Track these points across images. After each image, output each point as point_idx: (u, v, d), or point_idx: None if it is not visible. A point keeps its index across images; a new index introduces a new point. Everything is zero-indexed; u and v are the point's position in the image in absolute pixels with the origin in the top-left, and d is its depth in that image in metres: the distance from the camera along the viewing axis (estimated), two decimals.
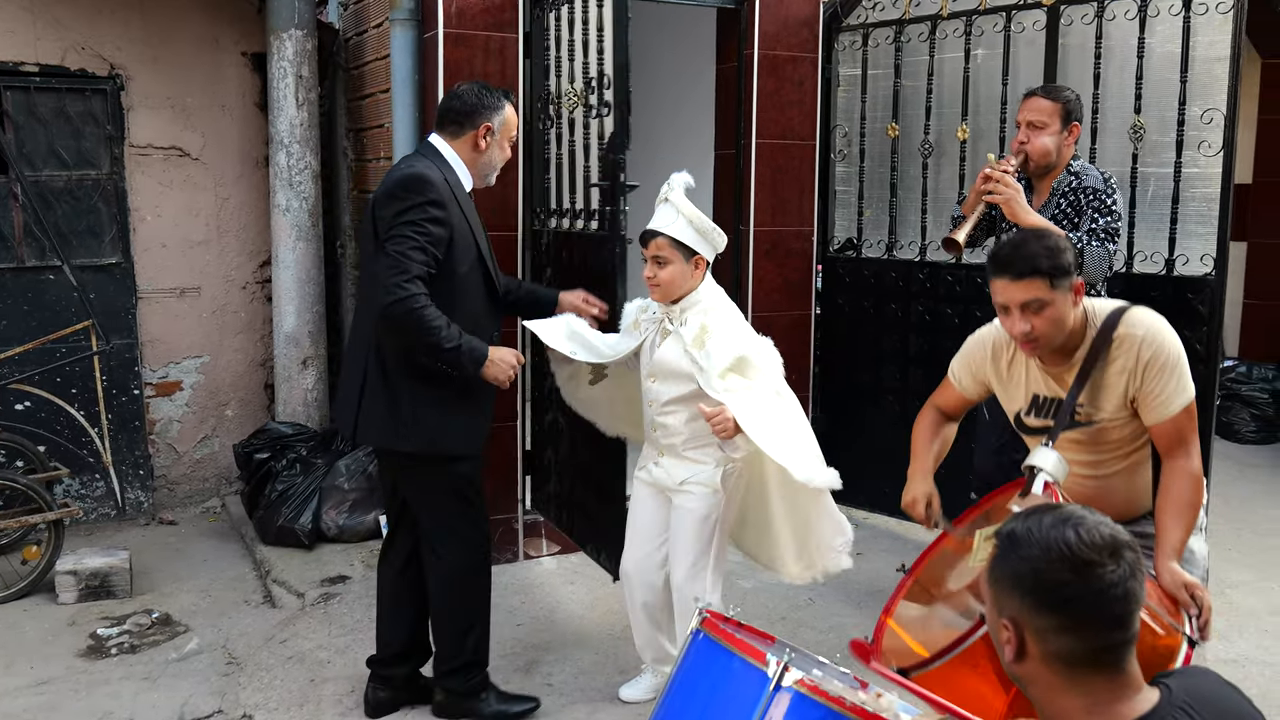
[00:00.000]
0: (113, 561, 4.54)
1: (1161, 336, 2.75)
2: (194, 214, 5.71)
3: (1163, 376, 2.73)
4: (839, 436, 5.58)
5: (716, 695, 1.90)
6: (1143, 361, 2.73)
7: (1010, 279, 2.74)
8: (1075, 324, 2.79)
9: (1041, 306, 2.72)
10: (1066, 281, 2.72)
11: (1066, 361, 2.84)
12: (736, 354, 3.23)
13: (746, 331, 3.34)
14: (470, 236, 3.34)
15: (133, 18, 5.44)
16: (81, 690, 3.74)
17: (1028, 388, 2.95)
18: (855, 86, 5.49)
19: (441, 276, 3.23)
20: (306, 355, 5.56)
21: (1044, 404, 2.92)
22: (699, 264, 3.31)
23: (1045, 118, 3.84)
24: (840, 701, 1.76)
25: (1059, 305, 2.72)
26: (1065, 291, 2.72)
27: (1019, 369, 2.96)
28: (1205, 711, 1.60)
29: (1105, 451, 2.87)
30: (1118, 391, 2.77)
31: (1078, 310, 2.78)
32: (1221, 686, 1.71)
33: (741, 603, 4.37)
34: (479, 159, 3.42)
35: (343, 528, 5.04)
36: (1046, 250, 2.72)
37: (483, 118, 3.38)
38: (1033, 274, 2.70)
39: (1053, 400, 2.90)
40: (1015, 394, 2.99)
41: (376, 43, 5.19)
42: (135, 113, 5.50)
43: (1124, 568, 1.59)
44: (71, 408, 4.98)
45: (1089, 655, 1.59)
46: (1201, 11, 4.23)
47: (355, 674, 3.83)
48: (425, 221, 3.17)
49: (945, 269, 5.12)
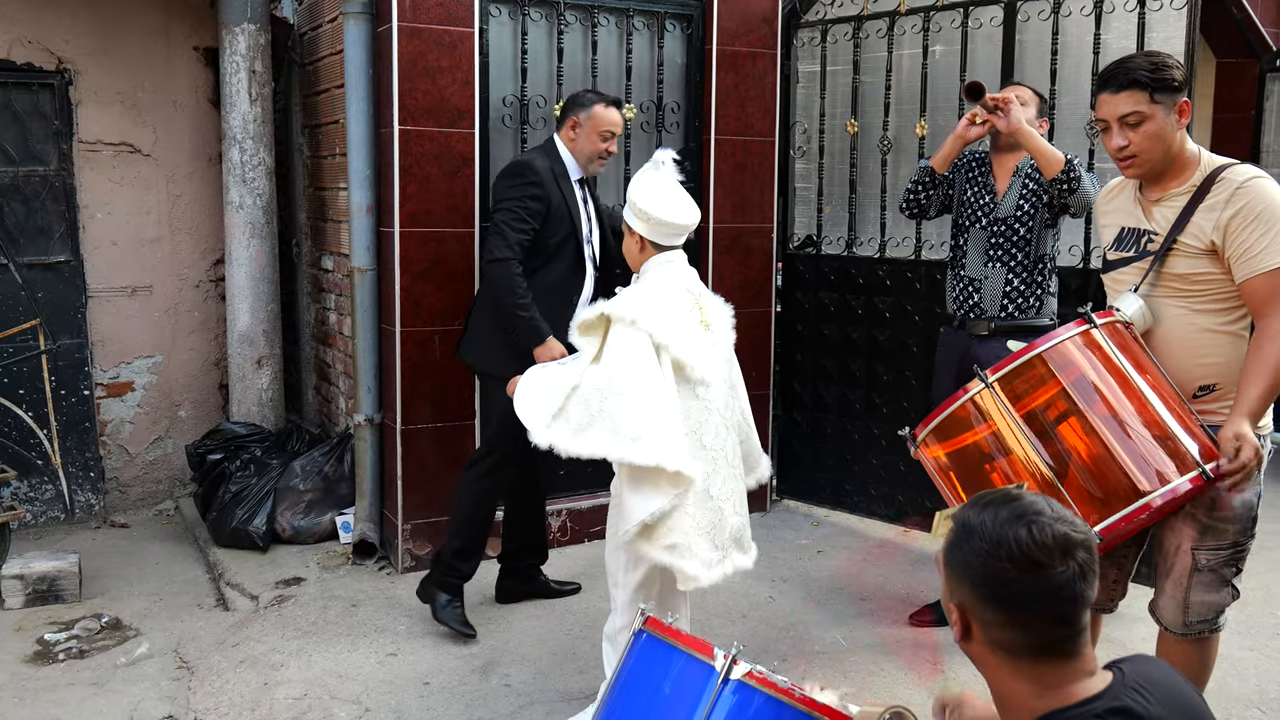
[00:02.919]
0: (61, 565, 4.45)
1: (1262, 190, 2.66)
2: (145, 211, 5.60)
3: (1255, 228, 2.64)
4: (799, 433, 5.58)
5: (662, 690, 1.87)
6: (1234, 206, 2.65)
7: (1111, 91, 2.72)
8: (1178, 151, 2.73)
9: (1140, 120, 2.69)
10: (1170, 99, 2.68)
11: (1163, 191, 2.78)
12: (599, 310, 3.20)
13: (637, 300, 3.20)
14: (567, 215, 4.01)
15: (81, 10, 5.33)
16: (26, 697, 3.65)
17: (1118, 220, 2.91)
18: (814, 83, 5.49)
19: (537, 242, 3.95)
20: (261, 354, 5.48)
21: (1127, 236, 2.87)
22: (638, 240, 3.32)
23: (1026, 98, 3.97)
24: (789, 693, 1.74)
25: (1158, 121, 2.68)
26: (1167, 109, 2.68)
27: (1118, 201, 2.94)
28: (1155, 693, 1.60)
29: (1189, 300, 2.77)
30: (1199, 225, 2.70)
31: (1181, 133, 2.72)
32: (1171, 674, 1.72)
33: (701, 601, 4.34)
34: (574, 148, 4.08)
35: (298, 529, 4.97)
36: (1150, 64, 2.70)
37: (570, 113, 4.08)
38: (1132, 85, 2.68)
39: (1135, 232, 2.84)
40: (1108, 229, 2.96)
41: (331, 37, 5.12)
42: (84, 108, 5.39)
43: (1073, 568, 1.58)
44: (19, 409, 4.88)
45: (1031, 647, 1.59)
46: (1156, 8, 4.25)
47: (309, 677, 3.77)
48: (524, 198, 3.92)
49: (905, 265, 5.12)
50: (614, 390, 3.09)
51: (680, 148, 5.24)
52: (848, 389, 5.38)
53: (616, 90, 5.05)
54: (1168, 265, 2.78)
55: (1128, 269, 2.87)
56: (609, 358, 3.15)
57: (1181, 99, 2.71)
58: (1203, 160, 2.77)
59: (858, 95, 5.30)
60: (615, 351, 3.14)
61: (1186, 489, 2.57)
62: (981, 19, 4.80)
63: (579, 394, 3.15)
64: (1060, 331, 2.72)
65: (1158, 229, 2.79)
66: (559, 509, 5.01)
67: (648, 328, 3.14)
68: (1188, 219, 2.72)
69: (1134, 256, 2.84)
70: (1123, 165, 2.80)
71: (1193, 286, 2.77)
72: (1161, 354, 2.78)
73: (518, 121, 4.85)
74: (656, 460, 3.02)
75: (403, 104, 4.50)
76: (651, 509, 3.10)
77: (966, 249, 4.05)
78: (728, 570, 3.28)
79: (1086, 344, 2.70)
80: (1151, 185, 2.83)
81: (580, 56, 4.98)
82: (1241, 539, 2.81)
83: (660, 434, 3.05)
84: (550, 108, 4.90)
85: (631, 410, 3.05)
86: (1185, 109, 2.72)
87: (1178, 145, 2.75)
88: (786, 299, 5.64)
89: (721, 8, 5.17)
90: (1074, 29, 4.53)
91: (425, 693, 3.68)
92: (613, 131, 4.09)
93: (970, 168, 4.12)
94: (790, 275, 5.63)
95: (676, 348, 3.18)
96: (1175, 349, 2.79)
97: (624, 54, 5.07)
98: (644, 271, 3.34)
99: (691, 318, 3.32)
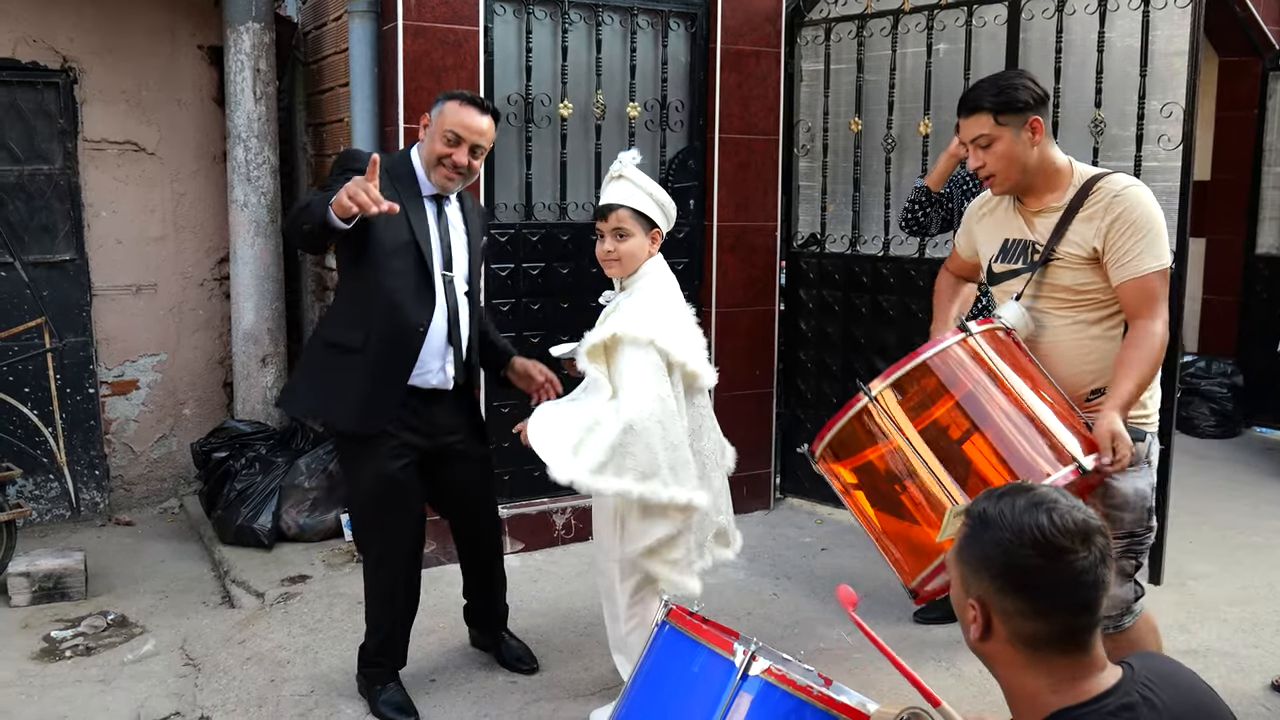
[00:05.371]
0: (67, 563, 4.45)
1: (1138, 198, 2.75)
2: (150, 210, 5.61)
3: (1131, 234, 2.73)
4: (802, 431, 5.58)
5: (683, 685, 1.88)
6: (1112, 214, 2.74)
7: (962, 116, 2.84)
8: (1040, 166, 2.82)
9: (990, 142, 2.78)
10: (1017, 119, 2.76)
11: (1040, 204, 2.86)
12: (611, 331, 3.12)
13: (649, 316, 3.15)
14: (405, 222, 3.29)
15: (85, 9, 5.34)
16: (34, 694, 3.66)
17: (999, 232, 2.98)
18: (818, 81, 5.49)
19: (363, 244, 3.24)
20: (266, 353, 5.48)
21: (1012, 247, 2.94)
22: (655, 238, 3.28)
23: None
24: (808, 690, 1.75)
25: (1007, 141, 2.77)
26: (1015, 129, 2.76)
27: (996, 214, 3.00)
28: (1165, 689, 1.61)
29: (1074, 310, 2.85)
30: (1081, 235, 2.79)
31: (1040, 149, 2.80)
32: (1180, 669, 1.72)
33: (705, 599, 4.33)
34: (421, 153, 3.41)
35: (303, 527, 4.98)
36: (996, 87, 2.80)
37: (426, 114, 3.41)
38: (976, 110, 2.78)
39: (1020, 243, 2.91)
40: (989, 241, 3.02)
41: (335, 36, 5.13)
42: (89, 106, 5.40)
43: (1095, 554, 1.59)
44: (24, 407, 4.89)
45: (1054, 638, 1.59)
46: (1160, 6, 4.26)
47: (316, 674, 3.78)
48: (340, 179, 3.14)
49: (908, 264, 5.13)
50: (631, 425, 3.04)
51: (684, 146, 5.25)
52: (851, 387, 5.38)
53: (621, 89, 5.06)
54: (1052, 276, 2.86)
55: (1015, 280, 2.95)
56: (626, 389, 3.09)
57: (1031, 117, 2.78)
58: (1075, 172, 2.87)
59: (861, 94, 5.30)
60: (630, 382, 3.09)
61: (1068, 480, 2.59)
62: (986, 17, 4.81)
63: (600, 430, 3.08)
64: (939, 341, 2.77)
65: (1041, 239, 2.88)
66: (563, 507, 5.02)
67: (665, 346, 3.11)
68: (1065, 228, 2.81)
69: (1023, 268, 2.92)
70: (988, 184, 2.91)
71: (1078, 296, 2.85)
72: (1050, 361, 2.86)
73: (522, 120, 4.86)
74: (670, 498, 3.07)
75: (407, 103, 4.50)
76: (659, 535, 3.17)
77: None
78: (707, 564, 3.35)
79: (967, 352, 2.75)
80: (1028, 197, 2.91)
81: (584, 55, 4.98)
82: (1138, 530, 2.86)
83: (674, 470, 3.09)
84: (555, 106, 4.90)
85: (647, 447, 3.05)
86: (1038, 126, 2.79)
87: (1036, 161, 2.83)
88: (790, 297, 5.65)
89: (725, 6, 5.18)
90: (1078, 27, 4.53)
91: (431, 689, 3.69)
92: (459, 136, 3.29)
93: (967, 181, 4.22)
94: (794, 273, 5.64)
95: (692, 361, 3.19)
96: (1065, 356, 2.87)
97: (628, 52, 5.07)
98: (643, 273, 3.27)
99: (690, 316, 3.33)
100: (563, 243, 4.98)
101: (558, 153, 4.96)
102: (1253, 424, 7.46)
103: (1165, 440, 4.21)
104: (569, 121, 4.96)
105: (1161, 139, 4.28)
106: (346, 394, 3.35)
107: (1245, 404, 7.37)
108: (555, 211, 4.98)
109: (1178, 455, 4.51)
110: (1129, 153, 4.34)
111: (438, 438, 3.50)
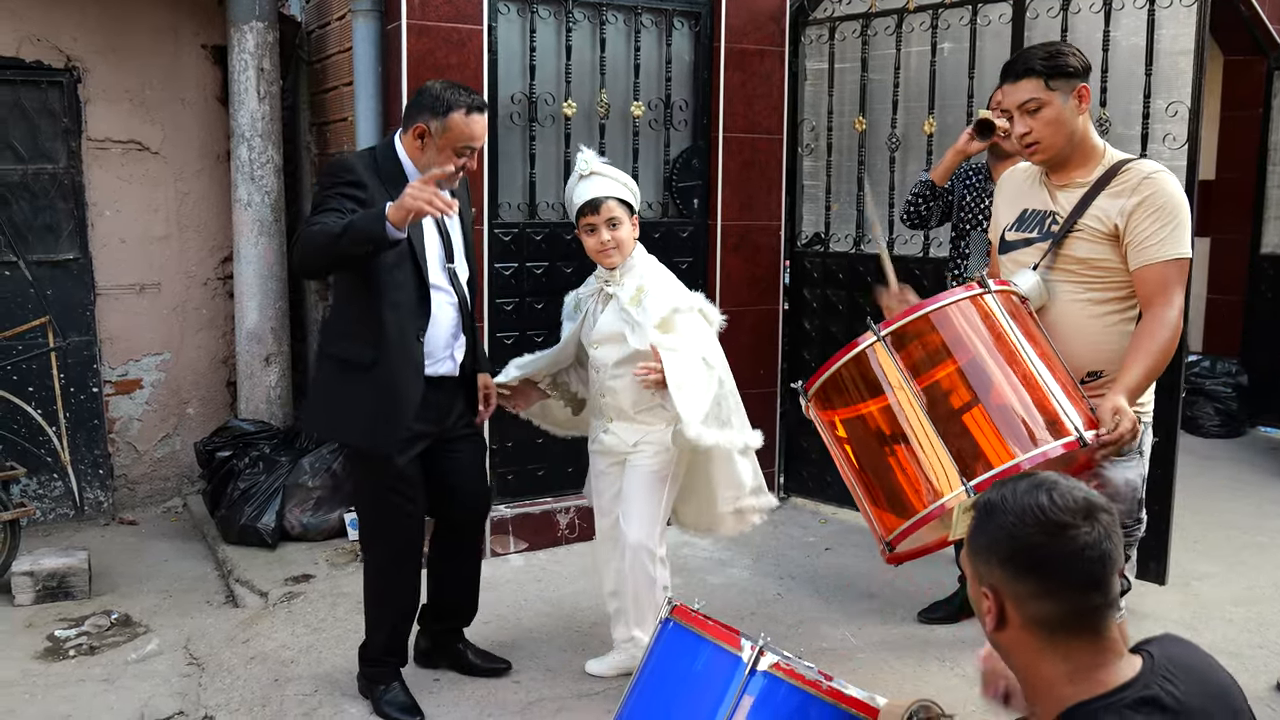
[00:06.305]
0: (71, 562, 4.46)
1: (1165, 184, 2.75)
2: (154, 209, 5.61)
3: (1156, 219, 2.72)
4: (807, 431, 5.57)
5: (690, 680, 1.88)
6: (1140, 195, 2.73)
7: (1010, 81, 2.82)
8: (1081, 139, 2.82)
9: (1039, 106, 2.77)
10: (1066, 84, 2.76)
11: (1067, 178, 2.86)
12: (671, 306, 3.42)
13: (679, 288, 3.52)
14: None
15: (89, 8, 5.34)
16: (37, 694, 3.66)
17: (1020, 202, 2.98)
18: (822, 80, 5.49)
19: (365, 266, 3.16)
20: (269, 352, 5.48)
21: (1030, 218, 2.94)
22: (635, 222, 3.56)
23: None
24: (817, 685, 1.74)
25: (1056, 106, 2.76)
26: (1064, 94, 2.76)
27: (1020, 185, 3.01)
28: (1187, 679, 1.60)
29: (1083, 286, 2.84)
30: (1104, 209, 2.78)
31: (1084, 121, 2.81)
32: (1200, 655, 1.72)
33: (709, 598, 4.35)
34: (417, 160, 3.29)
35: (307, 526, 4.98)
36: (1046, 53, 2.80)
37: (419, 117, 3.24)
38: (1027, 73, 2.77)
39: (1039, 214, 2.91)
40: (1007, 210, 3.02)
41: (339, 35, 5.13)
42: (93, 105, 5.40)
43: (1098, 530, 1.59)
44: (28, 406, 4.89)
45: (1067, 619, 1.59)
46: (1166, 5, 4.25)
47: (320, 673, 3.78)
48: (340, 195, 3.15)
49: (912, 263, 5.12)
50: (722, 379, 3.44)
51: (688, 146, 5.25)
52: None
53: (625, 88, 5.05)
54: (1068, 248, 2.85)
55: (1028, 250, 2.94)
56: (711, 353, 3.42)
57: (1079, 84, 2.79)
58: (1107, 153, 2.87)
59: (865, 93, 5.29)
60: (706, 344, 3.43)
61: (1059, 453, 2.56)
62: (990, 16, 4.80)
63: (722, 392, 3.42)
64: (952, 293, 2.73)
65: (1063, 212, 2.87)
66: (566, 506, 5.02)
67: (707, 309, 3.51)
68: (1089, 203, 2.81)
69: (1037, 238, 2.91)
70: (1028, 153, 2.88)
71: (1090, 272, 2.84)
72: (1054, 335, 2.83)
73: (526, 119, 4.85)
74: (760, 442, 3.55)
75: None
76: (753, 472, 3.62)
77: (969, 253, 4.14)
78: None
79: (978, 310, 2.71)
80: (1057, 171, 2.90)
81: (588, 54, 4.98)
82: (1127, 522, 2.84)
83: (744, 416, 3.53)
84: (558, 105, 4.90)
85: (736, 399, 3.49)
86: (1085, 94, 2.80)
87: (1080, 132, 2.83)
88: (794, 296, 5.64)
89: (729, 5, 5.17)
90: (1084, 26, 4.52)
91: (435, 689, 3.69)
92: (472, 147, 3.25)
93: (969, 176, 4.22)
94: (798, 273, 5.63)
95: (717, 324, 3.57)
96: (1068, 332, 2.85)
97: (632, 51, 5.06)
98: (637, 255, 3.56)
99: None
100: (566, 242, 4.97)
101: (561, 152, 4.96)
102: (1257, 424, 7.45)
103: (1170, 440, 4.21)
104: (573, 121, 4.95)
105: (1167, 138, 4.27)
106: (359, 415, 3.33)
107: (1250, 404, 7.35)
108: (558, 210, 4.98)
109: (1182, 455, 4.50)
110: (1134, 152, 4.32)
111: (445, 422, 3.54)
